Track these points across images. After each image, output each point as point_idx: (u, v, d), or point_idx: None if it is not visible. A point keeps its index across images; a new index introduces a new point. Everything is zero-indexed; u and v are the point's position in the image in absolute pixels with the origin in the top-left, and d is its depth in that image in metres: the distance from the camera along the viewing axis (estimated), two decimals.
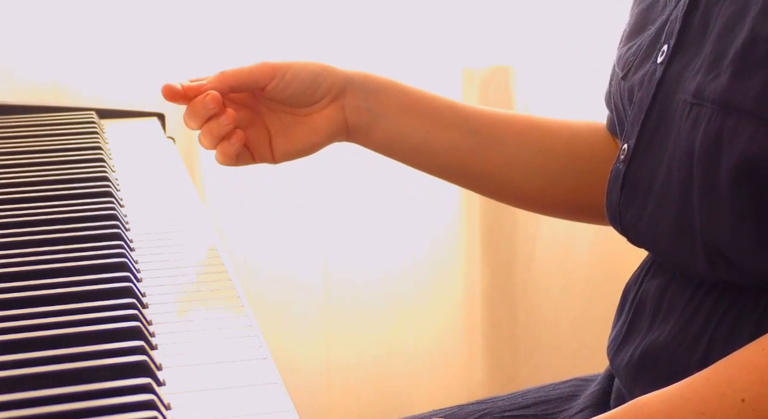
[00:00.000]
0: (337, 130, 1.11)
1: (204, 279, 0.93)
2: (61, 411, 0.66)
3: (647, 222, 0.93)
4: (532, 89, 1.94)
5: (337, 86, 1.10)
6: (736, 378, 0.81)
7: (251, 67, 1.09)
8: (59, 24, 1.72)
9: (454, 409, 1.12)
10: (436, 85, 1.90)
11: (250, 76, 1.09)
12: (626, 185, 0.96)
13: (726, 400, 0.80)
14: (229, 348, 0.78)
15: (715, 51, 0.86)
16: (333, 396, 1.95)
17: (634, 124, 0.95)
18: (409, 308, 1.95)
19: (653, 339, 0.93)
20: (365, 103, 1.11)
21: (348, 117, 1.11)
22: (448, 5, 1.87)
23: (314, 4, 1.82)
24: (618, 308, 1.02)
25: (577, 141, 1.13)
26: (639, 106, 0.95)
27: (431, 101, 1.13)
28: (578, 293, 2.02)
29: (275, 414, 0.68)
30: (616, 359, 0.98)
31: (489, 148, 1.13)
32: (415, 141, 1.13)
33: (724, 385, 0.81)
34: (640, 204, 0.94)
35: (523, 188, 1.15)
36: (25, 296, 0.83)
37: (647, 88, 0.94)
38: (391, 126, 1.12)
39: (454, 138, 1.12)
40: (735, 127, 0.82)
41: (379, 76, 1.13)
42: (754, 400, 0.80)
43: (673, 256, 0.91)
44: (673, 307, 0.93)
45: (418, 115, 1.12)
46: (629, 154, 0.95)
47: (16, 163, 1.21)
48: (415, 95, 1.13)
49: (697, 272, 0.89)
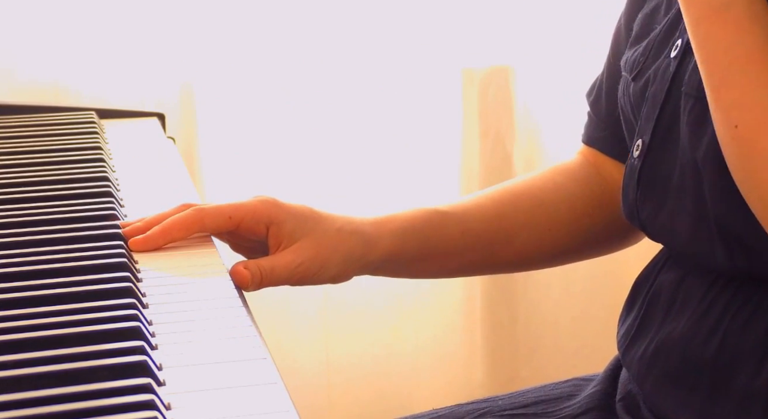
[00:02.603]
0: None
1: (204, 279, 0.93)
2: (61, 411, 0.66)
3: (666, 216, 0.93)
4: (532, 89, 1.94)
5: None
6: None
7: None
8: (60, 24, 1.72)
9: (453, 408, 1.12)
10: (436, 85, 1.90)
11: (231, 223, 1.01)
12: (642, 181, 0.96)
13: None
14: (229, 348, 0.78)
15: None
16: (333, 396, 1.95)
17: (648, 119, 0.96)
18: (409, 308, 1.95)
19: (667, 332, 0.94)
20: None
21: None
22: (448, 5, 1.87)
23: (314, 4, 1.82)
24: (627, 303, 1.02)
25: (576, 202, 1.14)
26: (653, 101, 0.95)
27: (432, 235, 1.09)
28: (578, 293, 2.02)
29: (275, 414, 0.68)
30: (629, 353, 0.98)
31: (501, 250, 1.13)
32: (428, 275, 1.17)
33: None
34: (657, 199, 0.94)
35: (536, 263, 1.18)
36: (25, 296, 0.83)
37: (661, 82, 0.95)
38: (398, 273, 1.13)
39: (466, 258, 1.12)
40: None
41: (374, 229, 1.07)
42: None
43: (691, 248, 0.92)
44: (688, 301, 0.93)
45: (426, 260, 1.10)
46: (644, 149, 0.96)
47: (17, 163, 1.21)
48: (413, 236, 1.08)
49: (716, 263, 0.89)
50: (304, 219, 1.01)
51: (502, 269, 1.24)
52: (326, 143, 1.87)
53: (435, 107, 1.91)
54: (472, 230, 1.10)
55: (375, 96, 1.88)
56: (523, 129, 1.95)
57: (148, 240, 0.97)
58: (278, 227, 1.00)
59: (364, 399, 1.96)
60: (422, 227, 1.08)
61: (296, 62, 1.83)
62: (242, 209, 0.99)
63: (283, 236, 1.00)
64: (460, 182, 1.93)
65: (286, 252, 1.00)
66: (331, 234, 1.02)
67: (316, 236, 1.01)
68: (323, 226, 1.02)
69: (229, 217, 0.99)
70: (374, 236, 1.06)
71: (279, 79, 1.83)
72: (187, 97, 1.80)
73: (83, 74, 1.75)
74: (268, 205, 1.00)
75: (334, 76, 1.85)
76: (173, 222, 0.99)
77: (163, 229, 0.98)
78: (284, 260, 0.99)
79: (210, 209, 0.99)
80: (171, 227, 0.98)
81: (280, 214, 1.00)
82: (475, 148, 1.94)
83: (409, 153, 1.91)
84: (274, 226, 1.00)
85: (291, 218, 1.00)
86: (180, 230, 0.99)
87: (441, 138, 1.92)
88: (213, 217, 0.99)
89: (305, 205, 1.03)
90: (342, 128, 1.88)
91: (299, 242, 1.01)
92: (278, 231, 1.00)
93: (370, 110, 1.88)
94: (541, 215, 1.12)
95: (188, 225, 0.99)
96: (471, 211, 1.11)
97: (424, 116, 1.91)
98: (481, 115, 1.93)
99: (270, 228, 1.00)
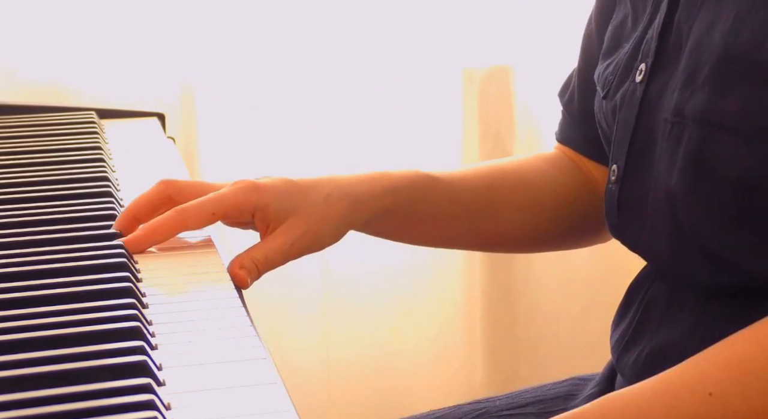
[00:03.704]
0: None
1: (204, 279, 0.93)
2: (61, 411, 0.66)
3: (647, 238, 0.94)
4: (532, 89, 1.94)
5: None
6: (705, 373, 0.82)
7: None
8: (60, 24, 1.73)
9: (452, 409, 1.12)
10: (436, 85, 1.90)
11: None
12: (621, 206, 0.97)
13: (695, 395, 0.81)
14: (229, 348, 0.78)
15: (688, 67, 0.87)
16: (333, 396, 1.95)
17: (621, 145, 0.96)
18: (409, 307, 1.95)
19: (662, 339, 0.94)
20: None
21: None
22: (448, 5, 1.87)
23: (314, 4, 1.82)
24: (621, 307, 1.02)
25: (559, 189, 1.14)
26: (624, 127, 0.96)
27: (421, 199, 1.09)
28: (578, 292, 2.03)
29: (275, 414, 0.68)
30: (623, 358, 0.98)
31: (484, 224, 1.13)
32: (411, 240, 1.16)
33: (694, 380, 0.82)
34: (637, 223, 0.95)
35: (516, 244, 1.19)
36: (25, 296, 0.83)
37: (629, 108, 0.95)
38: (383, 233, 1.13)
39: (450, 227, 1.12)
40: (717, 143, 0.83)
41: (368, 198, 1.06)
42: (722, 395, 0.81)
43: (676, 267, 0.92)
44: (682, 308, 0.93)
45: (411, 223, 1.10)
46: (620, 174, 0.96)
47: (17, 163, 1.21)
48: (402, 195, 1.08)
49: (702, 281, 0.90)
50: (289, 196, 0.99)
51: (483, 246, 1.24)
52: (326, 142, 1.87)
53: (435, 107, 1.91)
54: (459, 199, 1.10)
55: (375, 96, 1.88)
56: (523, 129, 1.95)
57: (130, 244, 0.96)
58: (263, 212, 0.98)
59: (364, 399, 1.96)
60: (412, 187, 1.07)
61: (296, 62, 1.83)
62: (223, 203, 0.97)
63: (269, 219, 0.98)
64: None
65: (276, 235, 0.98)
66: (319, 205, 1.00)
67: (305, 210, 0.99)
68: (310, 198, 1.00)
69: (212, 213, 0.97)
70: (364, 194, 1.04)
71: (279, 79, 1.83)
72: (187, 97, 1.80)
73: (83, 74, 1.75)
74: (248, 191, 0.98)
75: (334, 76, 1.86)
76: (156, 225, 0.97)
77: (145, 233, 0.97)
78: (275, 244, 0.98)
79: (191, 208, 0.97)
80: (154, 231, 0.97)
81: (261, 198, 0.98)
82: (475, 148, 1.94)
83: (409, 153, 1.91)
84: (258, 211, 0.98)
85: (274, 199, 0.98)
86: (163, 234, 0.97)
87: (441, 138, 1.93)
88: (195, 217, 0.97)
89: (285, 178, 1.01)
90: (342, 127, 1.88)
91: (288, 221, 0.98)
92: (264, 215, 0.98)
93: (370, 110, 1.88)
94: (526, 195, 1.13)
95: (171, 228, 0.97)
96: (460, 180, 1.11)
97: (424, 116, 1.91)
98: (481, 115, 1.94)
99: (255, 214, 0.98)
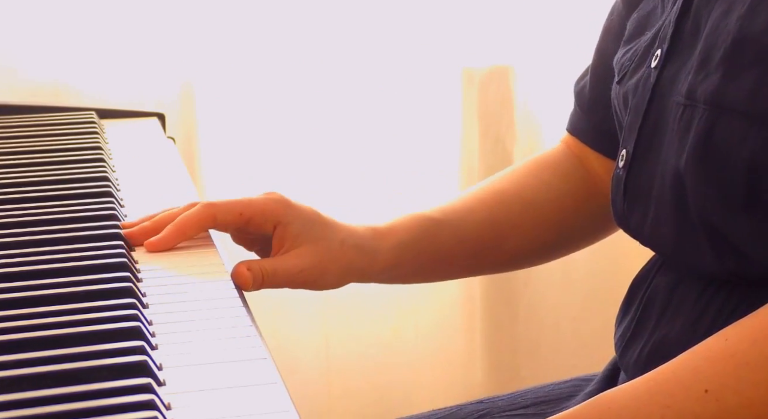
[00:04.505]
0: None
1: (204, 279, 0.93)
2: (61, 411, 0.66)
3: (651, 225, 0.94)
4: (532, 89, 1.94)
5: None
6: (699, 369, 0.81)
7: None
8: (60, 24, 1.73)
9: (453, 409, 1.12)
10: (436, 85, 1.90)
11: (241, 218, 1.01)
12: (628, 191, 0.97)
13: (690, 392, 0.81)
14: (229, 348, 0.78)
15: (704, 51, 0.87)
16: (333, 396, 1.95)
17: (632, 130, 0.96)
18: (409, 308, 1.95)
19: (663, 335, 0.94)
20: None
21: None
22: (448, 5, 1.87)
23: (314, 4, 1.82)
24: (624, 304, 1.02)
25: (565, 200, 1.14)
26: (635, 111, 0.96)
27: (427, 249, 1.10)
28: (578, 292, 2.03)
29: (275, 414, 0.68)
30: (625, 355, 0.98)
31: (490, 253, 1.14)
32: (417, 281, 1.18)
33: (688, 377, 0.81)
34: (642, 209, 0.95)
35: (522, 264, 1.19)
36: (25, 296, 0.83)
37: (642, 93, 0.95)
38: (390, 282, 1.14)
39: (456, 263, 1.13)
40: (728, 126, 0.83)
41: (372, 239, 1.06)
42: (717, 390, 0.80)
43: (680, 254, 0.92)
44: (683, 303, 0.93)
45: (417, 273, 1.13)
46: (628, 160, 0.96)
47: (17, 163, 1.21)
48: (411, 248, 1.09)
49: (707, 268, 0.89)
50: (311, 224, 1.01)
51: (489, 273, 1.25)
52: (326, 142, 1.87)
53: (435, 107, 1.91)
54: (466, 238, 1.11)
55: (375, 96, 1.88)
56: (523, 129, 1.95)
57: (163, 241, 0.98)
58: (284, 228, 1.00)
59: (364, 399, 1.96)
60: (420, 239, 1.09)
61: (296, 62, 1.83)
62: (253, 206, 0.99)
63: (287, 238, 1.00)
64: (460, 181, 1.93)
65: (289, 256, 1.00)
66: (334, 246, 1.02)
67: (320, 245, 1.01)
68: (328, 235, 1.02)
69: (239, 213, 0.99)
70: (374, 250, 1.06)
71: (279, 79, 1.83)
72: (187, 96, 1.80)
73: (83, 74, 1.75)
74: (279, 204, 1.00)
75: (335, 76, 1.86)
76: (186, 220, 0.99)
77: (177, 227, 0.98)
78: (287, 265, 0.99)
79: (221, 204, 0.99)
80: (184, 225, 0.99)
81: (288, 214, 1.00)
82: (475, 148, 1.94)
83: (409, 153, 1.91)
84: (280, 226, 1.00)
85: (298, 221, 1.00)
86: (193, 228, 0.99)
87: (441, 138, 1.93)
88: (224, 213, 0.99)
89: (314, 208, 1.03)
90: (342, 127, 1.88)
91: (302, 248, 1.00)
92: (284, 232, 1.00)
93: (371, 110, 1.88)
94: (531, 216, 1.13)
95: (201, 222, 0.99)
96: (464, 217, 1.11)
97: (424, 116, 1.91)
98: (481, 115, 1.93)
99: (276, 227, 1.00)
